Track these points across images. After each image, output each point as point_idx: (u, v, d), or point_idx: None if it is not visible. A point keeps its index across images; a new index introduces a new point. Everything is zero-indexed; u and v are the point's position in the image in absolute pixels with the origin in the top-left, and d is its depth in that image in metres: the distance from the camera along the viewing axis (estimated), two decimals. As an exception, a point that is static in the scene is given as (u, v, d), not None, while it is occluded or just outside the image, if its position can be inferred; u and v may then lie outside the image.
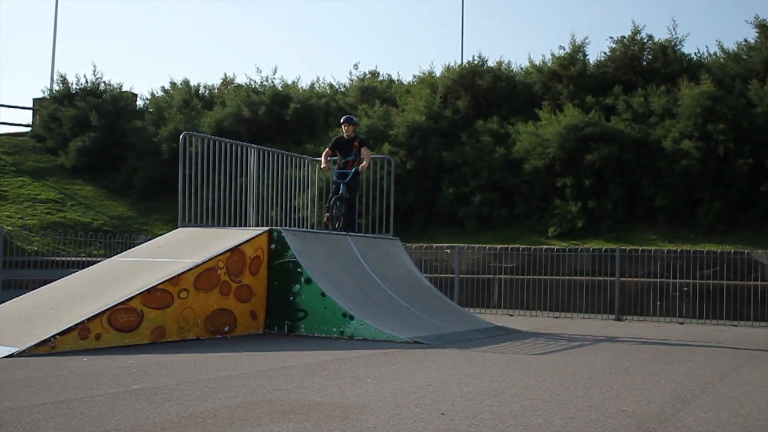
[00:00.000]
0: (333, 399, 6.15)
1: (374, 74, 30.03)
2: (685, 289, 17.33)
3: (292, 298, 11.30)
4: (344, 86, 29.44)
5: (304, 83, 30.53)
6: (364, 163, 13.55)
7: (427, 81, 26.38)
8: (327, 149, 13.84)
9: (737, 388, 7.31)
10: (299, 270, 11.29)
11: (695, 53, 25.33)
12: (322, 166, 14.00)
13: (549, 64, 24.63)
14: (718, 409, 6.17)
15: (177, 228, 12.48)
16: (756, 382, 7.75)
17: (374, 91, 27.14)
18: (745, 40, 23.33)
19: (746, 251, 17.58)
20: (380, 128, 24.13)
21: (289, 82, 29.54)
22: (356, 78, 29.55)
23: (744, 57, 22.82)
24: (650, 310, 17.48)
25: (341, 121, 13.75)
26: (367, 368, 7.93)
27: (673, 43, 23.99)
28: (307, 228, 14.94)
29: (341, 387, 6.71)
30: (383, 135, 23.89)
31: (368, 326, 10.71)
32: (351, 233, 13.35)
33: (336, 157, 13.77)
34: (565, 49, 24.52)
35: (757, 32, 23.26)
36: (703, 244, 19.17)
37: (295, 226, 14.74)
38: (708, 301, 17.10)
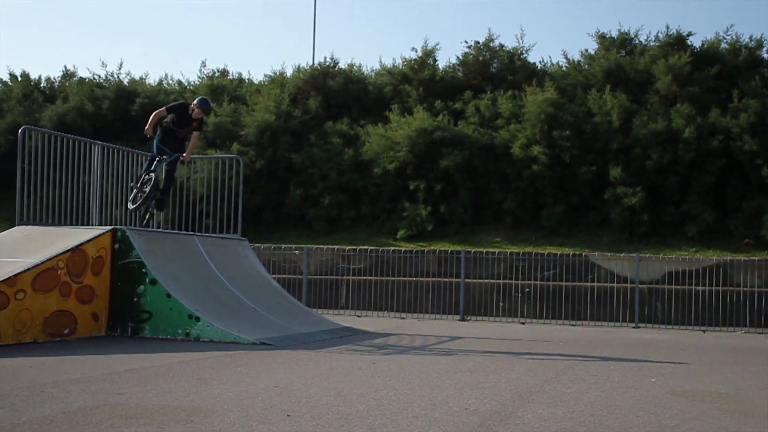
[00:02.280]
0: (177, 402, 6.05)
1: (224, 73, 29.62)
2: (527, 290, 17.90)
3: (136, 299, 11.04)
4: (193, 84, 28.93)
5: (152, 80, 29.83)
6: (187, 151, 12.38)
7: (277, 81, 26.26)
8: (163, 109, 12.12)
9: (573, 385, 7.60)
10: (144, 270, 11.05)
11: (540, 62, 26.21)
12: (146, 129, 11.97)
13: (400, 67, 24.96)
14: (555, 406, 6.40)
15: (14, 226, 11.99)
16: (590, 379, 8.08)
17: (224, 89, 26.79)
18: (586, 50, 24.36)
19: (584, 254, 18.34)
20: (229, 127, 23.88)
21: (137, 78, 28.86)
22: (205, 76, 29.10)
23: (585, 67, 23.78)
24: (493, 310, 17.96)
25: (197, 101, 12.11)
26: (213, 370, 7.84)
27: (519, 51, 24.74)
28: (152, 227, 14.60)
29: (186, 390, 6.60)
30: (232, 134, 23.65)
31: (214, 328, 10.59)
32: (195, 233, 13.13)
33: (168, 127, 12.23)
34: (417, 53, 24.93)
35: (597, 43, 24.31)
36: (544, 246, 19.86)
37: (140, 226, 14.37)
38: (548, 301, 17.75)
